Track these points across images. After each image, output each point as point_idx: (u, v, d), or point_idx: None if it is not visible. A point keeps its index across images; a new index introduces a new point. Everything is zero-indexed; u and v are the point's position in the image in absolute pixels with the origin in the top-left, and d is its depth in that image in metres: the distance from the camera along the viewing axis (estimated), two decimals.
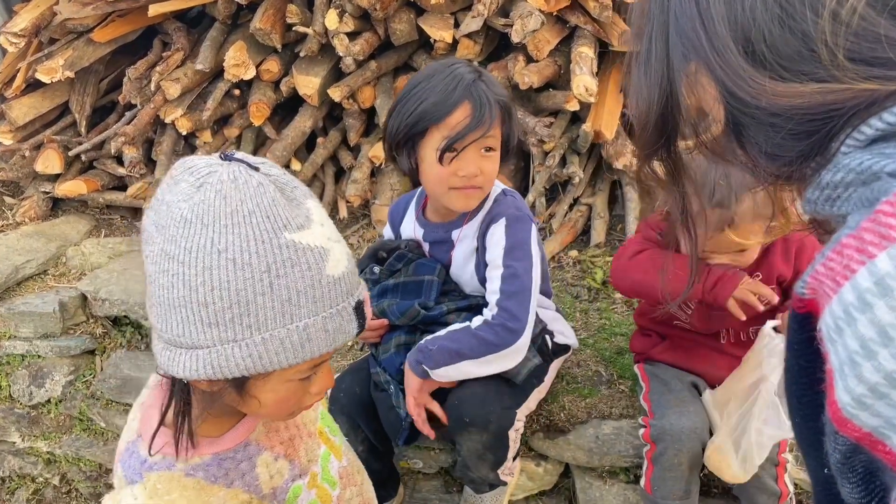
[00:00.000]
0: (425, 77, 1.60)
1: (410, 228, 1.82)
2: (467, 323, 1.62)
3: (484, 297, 1.68)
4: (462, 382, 1.68)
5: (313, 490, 1.10)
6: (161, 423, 0.94)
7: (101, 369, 2.42)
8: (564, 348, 1.85)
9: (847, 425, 0.53)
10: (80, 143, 2.85)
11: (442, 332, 1.63)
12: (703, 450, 1.65)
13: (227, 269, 0.79)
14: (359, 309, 0.88)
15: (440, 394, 1.73)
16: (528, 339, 1.61)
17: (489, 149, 1.58)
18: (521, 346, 1.59)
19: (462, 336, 1.59)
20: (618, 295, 2.37)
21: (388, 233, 1.91)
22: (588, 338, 2.19)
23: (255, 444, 1.01)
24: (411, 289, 1.72)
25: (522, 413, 1.73)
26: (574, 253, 2.51)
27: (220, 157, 0.83)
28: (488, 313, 1.61)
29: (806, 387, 0.63)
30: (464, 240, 1.71)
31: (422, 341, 1.63)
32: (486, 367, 1.60)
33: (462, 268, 1.73)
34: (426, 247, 1.79)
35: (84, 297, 2.44)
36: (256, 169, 0.82)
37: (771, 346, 1.53)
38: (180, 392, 0.91)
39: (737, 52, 0.58)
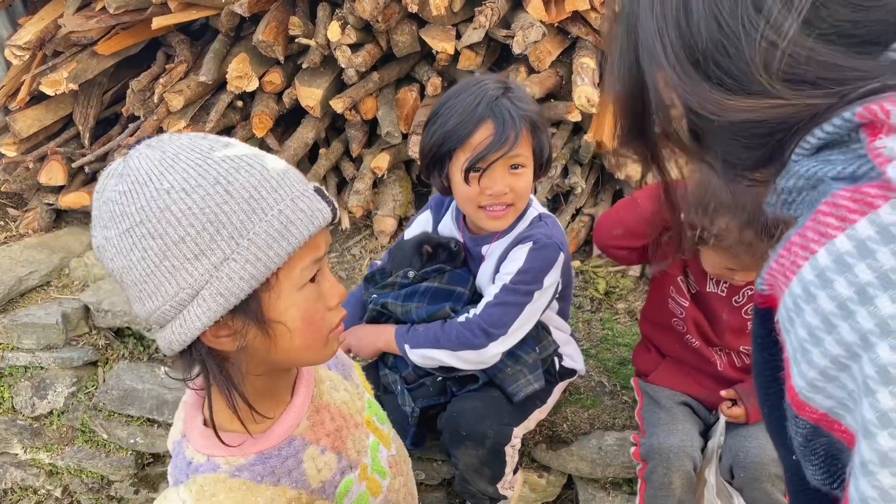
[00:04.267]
0: (452, 94, 1.61)
1: (449, 231, 1.81)
2: (452, 318, 1.66)
3: None
4: (462, 396, 1.69)
5: (364, 483, 1.09)
6: (212, 419, 0.92)
7: (104, 381, 2.42)
8: (570, 372, 1.85)
9: (805, 408, 0.57)
10: (84, 155, 2.86)
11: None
12: (695, 468, 1.65)
13: (182, 198, 0.80)
14: (320, 192, 0.89)
15: (441, 406, 1.73)
16: (501, 349, 1.62)
17: (517, 165, 1.57)
18: (490, 352, 1.61)
19: (448, 327, 1.63)
20: (620, 305, 2.36)
21: (425, 218, 1.88)
22: (591, 348, 2.18)
23: (301, 438, 0.99)
24: (441, 296, 1.71)
25: (520, 431, 1.73)
26: (576, 263, 2.51)
27: (127, 149, 0.87)
28: (473, 311, 1.64)
29: (770, 378, 0.68)
30: (491, 256, 1.71)
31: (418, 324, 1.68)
32: (460, 362, 1.63)
33: (485, 284, 1.73)
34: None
35: (87, 309, 2.45)
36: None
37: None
38: (214, 365, 0.89)
39: (689, 66, 0.62)
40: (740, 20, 0.58)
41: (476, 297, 1.75)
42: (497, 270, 1.68)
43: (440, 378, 1.71)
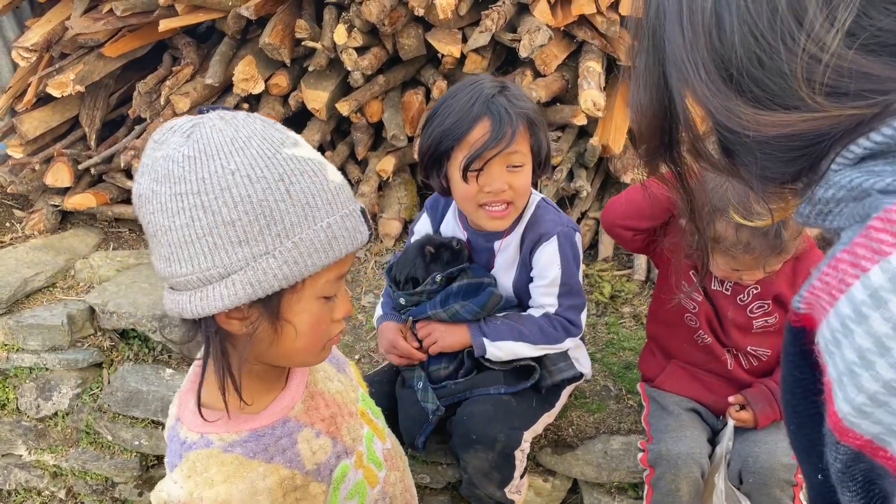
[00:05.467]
0: (450, 95, 1.62)
1: (452, 230, 1.81)
2: (526, 313, 1.72)
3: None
4: (473, 400, 1.69)
5: (360, 470, 1.10)
6: (199, 398, 0.94)
7: (108, 382, 2.42)
8: (577, 376, 1.85)
9: (848, 434, 0.54)
10: (90, 157, 2.87)
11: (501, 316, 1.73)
12: (703, 475, 1.64)
13: (245, 184, 0.82)
14: (363, 213, 0.92)
15: (450, 410, 1.73)
16: (573, 344, 1.74)
17: (516, 164, 1.57)
18: (565, 345, 1.73)
19: (527, 321, 1.69)
20: (626, 309, 2.36)
21: (424, 223, 1.88)
22: (596, 352, 2.18)
23: (295, 420, 1.01)
24: (473, 289, 1.72)
25: (530, 435, 1.73)
26: (582, 267, 2.51)
27: (198, 111, 0.88)
28: (548, 308, 1.71)
29: (800, 397, 0.66)
30: (505, 249, 1.73)
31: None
32: (535, 351, 1.71)
33: (502, 276, 1.75)
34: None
35: (92, 310, 2.45)
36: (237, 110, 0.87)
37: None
38: (217, 342, 0.91)
39: (721, 83, 0.59)
40: (780, 34, 0.55)
41: None
42: (520, 263, 1.71)
43: (462, 380, 1.72)
